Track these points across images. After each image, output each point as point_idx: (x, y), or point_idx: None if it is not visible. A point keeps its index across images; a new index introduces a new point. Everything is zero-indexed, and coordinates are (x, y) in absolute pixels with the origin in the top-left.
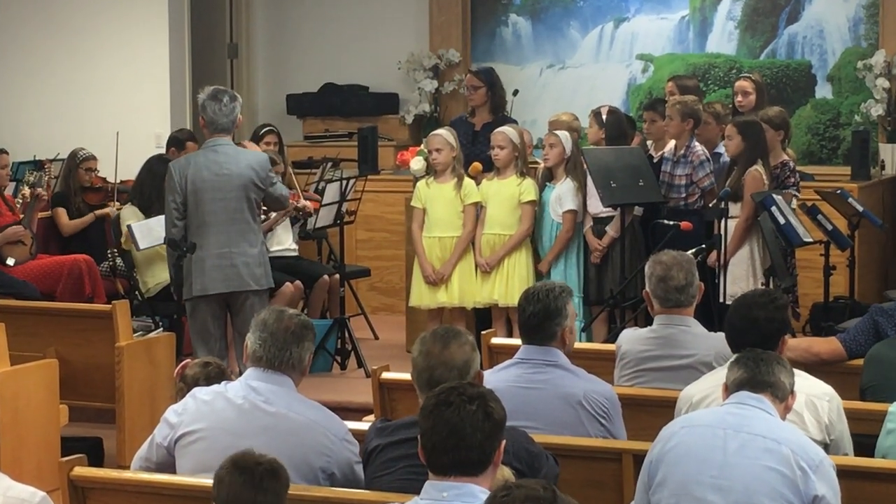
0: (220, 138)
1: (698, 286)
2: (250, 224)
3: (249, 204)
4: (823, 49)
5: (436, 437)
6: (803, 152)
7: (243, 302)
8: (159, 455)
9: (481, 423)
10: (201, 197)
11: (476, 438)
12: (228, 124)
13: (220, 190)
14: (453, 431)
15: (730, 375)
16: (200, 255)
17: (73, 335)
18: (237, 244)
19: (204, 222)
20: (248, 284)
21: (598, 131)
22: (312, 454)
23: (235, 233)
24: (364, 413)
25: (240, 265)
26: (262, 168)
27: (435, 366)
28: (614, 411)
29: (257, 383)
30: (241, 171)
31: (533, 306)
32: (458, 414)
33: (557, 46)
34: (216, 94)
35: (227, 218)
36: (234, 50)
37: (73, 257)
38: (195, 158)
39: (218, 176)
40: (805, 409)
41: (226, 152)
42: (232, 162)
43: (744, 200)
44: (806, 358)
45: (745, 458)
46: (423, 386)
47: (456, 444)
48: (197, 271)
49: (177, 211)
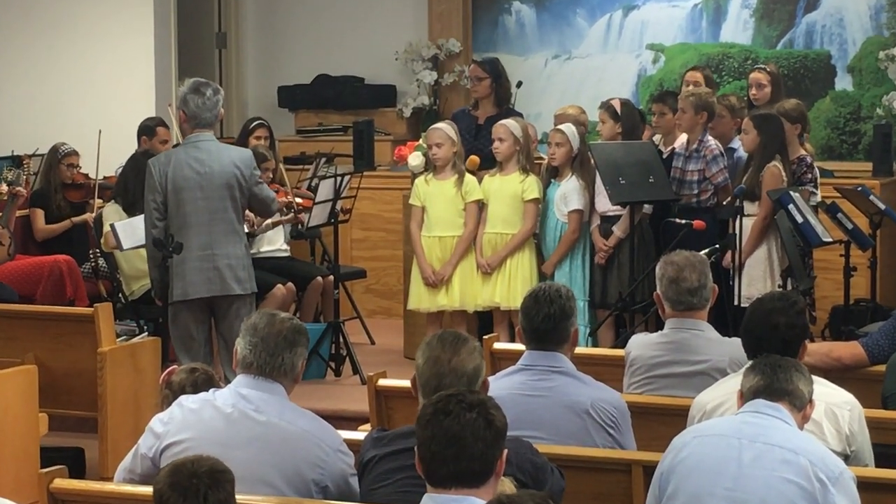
0: (202, 133)
1: (712, 288)
2: (234, 225)
3: (234, 203)
4: (843, 38)
5: (434, 447)
6: (822, 147)
7: (228, 307)
8: (144, 466)
9: (482, 432)
10: (182, 196)
11: (477, 448)
12: (212, 118)
13: (203, 188)
14: (453, 441)
15: (745, 382)
16: (181, 257)
17: (54, 340)
18: (220, 245)
19: (185, 223)
20: (231, 289)
21: (614, 126)
22: (305, 466)
23: (219, 233)
24: (359, 422)
25: (223, 268)
26: (246, 166)
27: (444, 373)
28: (623, 420)
29: (247, 391)
30: (225, 168)
31: (548, 307)
32: (458, 422)
33: (563, 36)
34: (198, 87)
35: (210, 218)
36: (223, 39)
37: (53, 258)
38: (176, 155)
39: (200, 174)
40: (824, 419)
41: (208, 148)
42: (214, 159)
43: (761, 198)
44: (826, 362)
45: (761, 469)
46: (430, 395)
47: (456, 455)
48: (178, 274)
49: (157, 211)
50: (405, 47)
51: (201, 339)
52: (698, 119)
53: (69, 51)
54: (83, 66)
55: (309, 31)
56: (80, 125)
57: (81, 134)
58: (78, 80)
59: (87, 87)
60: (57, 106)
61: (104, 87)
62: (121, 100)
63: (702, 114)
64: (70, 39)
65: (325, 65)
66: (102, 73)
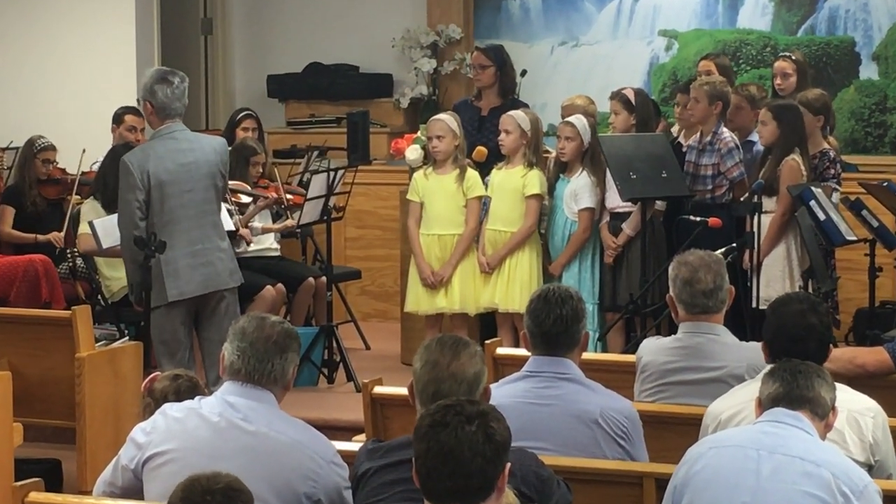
0: (174, 124)
1: (728, 290)
2: (216, 216)
3: (217, 193)
4: (868, 24)
5: (430, 462)
6: (846, 140)
7: (217, 303)
8: (125, 479)
9: (481, 447)
10: (166, 191)
11: (475, 464)
12: (181, 108)
13: (187, 181)
14: (449, 456)
15: (763, 389)
16: (170, 255)
17: (28, 344)
18: (210, 239)
19: (171, 219)
20: (226, 283)
21: (629, 117)
22: (296, 478)
23: (207, 226)
24: (354, 432)
25: (216, 261)
26: (224, 152)
27: (443, 378)
28: (634, 431)
29: (235, 399)
30: (207, 157)
31: (559, 309)
32: (455, 436)
33: (570, 21)
34: (164, 76)
35: (197, 211)
36: (209, 25)
37: (28, 257)
38: (153, 149)
39: (182, 166)
40: (847, 427)
41: (186, 138)
42: (196, 149)
43: (780, 194)
44: (850, 370)
45: (781, 482)
46: (428, 401)
47: (452, 471)
48: (169, 274)
49: (140, 210)
50: (402, 33)
51: (187, 342)
52: (712, 109)
53: (45, 37)
54: (60, 53)
55: (300, 17)
56: (57, 116)
57: (58, 125)
58: (54, 68)
59: (65, 75)
60: (32, 96)
61: (83, 76)
62: (100, 89)
63: (716, 104)
64: (46, 25)
65: (317, 52)
66: (80, 62)
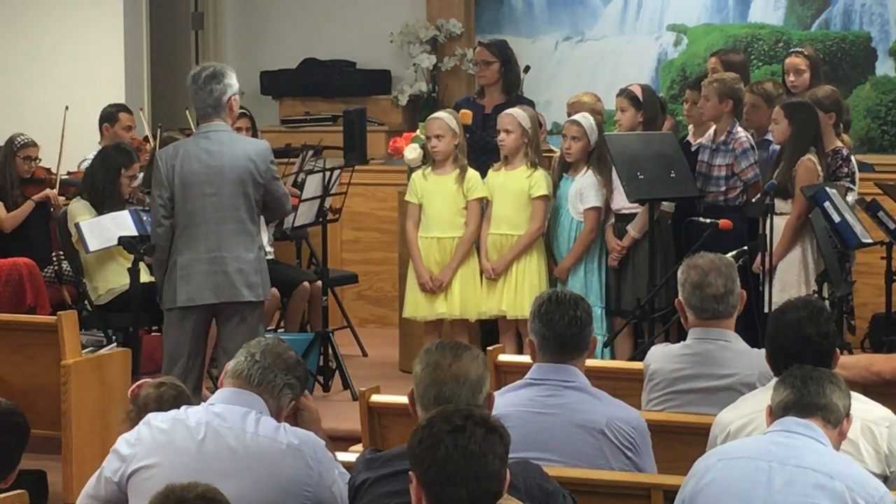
0: (213, 123)
1: (740, 294)
2: (246, 224)
3: (246, 201)
4: (885, 19)
5: (452, 467)
6: (862, 139)
7: (231, 315)
8: (108, 492)
9: (499, 449)
10: (190, 192)
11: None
12: (210, 108)
13: (212, 184)
14: (473, 460)
15: (774, 397)
16: (187, 259)
17: (13, 351)
18: (230, 248)
19: (192, 222)
20: (240, 294)
21: (636, 114)
22: (292, 486)
23: (228, 234)
24: (350, 442)
25: (232, 272)
26: (262, 159)
27: (444, 380)
28: (642, 441)
29: (223, 407)
30: (238, 161)
31: (573, 310)
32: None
33: (575, 15)
34: (193, 75)
35: (219, 217)
36: (199, 19)
37: (11, 261)
38: (185, 146)
39: (209, 167)
40: (861, 436)
41: (219, 139)
42: (226, 151)
43: (795, 195)
44: (865, 377)
45: (794, 495)
46: (429, 405)
47: (477, 475)
48: (182, 278)
49: (164, 208)
50: (401, 28)
51: (196, 351)
52: (723, 108)
53: (30, 31)
54: (46, 48)
55: (294, 10)
56: (41, 113)
57: (42, 122)
58: (40, 63)
59: (51, 69)
60: (15, 91)
61: (69, 70)
62: (87, 86)
63: (726, 101)
64: (31, 19)
65: (312, 48)
66: (67, 57)
